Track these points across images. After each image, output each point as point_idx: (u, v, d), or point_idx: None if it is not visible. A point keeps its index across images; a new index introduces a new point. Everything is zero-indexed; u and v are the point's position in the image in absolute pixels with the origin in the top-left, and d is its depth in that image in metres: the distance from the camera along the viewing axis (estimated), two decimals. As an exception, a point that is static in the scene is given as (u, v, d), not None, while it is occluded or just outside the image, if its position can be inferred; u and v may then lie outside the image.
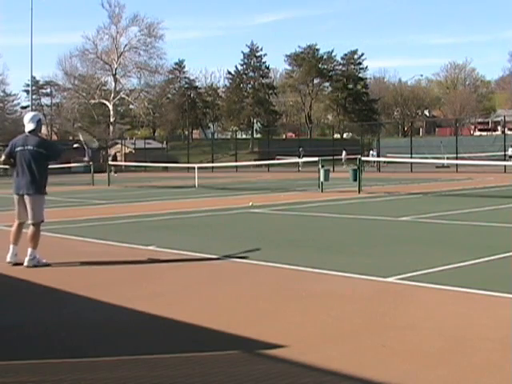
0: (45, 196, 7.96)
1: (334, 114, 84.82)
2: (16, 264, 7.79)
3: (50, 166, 8.21)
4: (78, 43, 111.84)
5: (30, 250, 7.74)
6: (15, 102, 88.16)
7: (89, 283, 6.84)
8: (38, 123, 8.01)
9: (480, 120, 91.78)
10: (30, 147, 7.82)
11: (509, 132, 66.07)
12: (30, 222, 7.85)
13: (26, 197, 7.81)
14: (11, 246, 7.91)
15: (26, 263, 7.69)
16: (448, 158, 39.41)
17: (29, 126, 7.96)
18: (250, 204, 15.74)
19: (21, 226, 8.02)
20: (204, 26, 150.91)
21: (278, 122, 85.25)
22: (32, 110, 60.59)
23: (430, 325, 4.87)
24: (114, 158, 45.64)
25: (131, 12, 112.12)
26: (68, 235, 10.69)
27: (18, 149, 7.90)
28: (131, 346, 4.61)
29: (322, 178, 21.32)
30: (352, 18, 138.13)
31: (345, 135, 76.18)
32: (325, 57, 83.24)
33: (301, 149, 43.87)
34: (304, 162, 34.06)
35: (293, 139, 65.21)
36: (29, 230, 7.84)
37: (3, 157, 8.22)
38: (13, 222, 8.10)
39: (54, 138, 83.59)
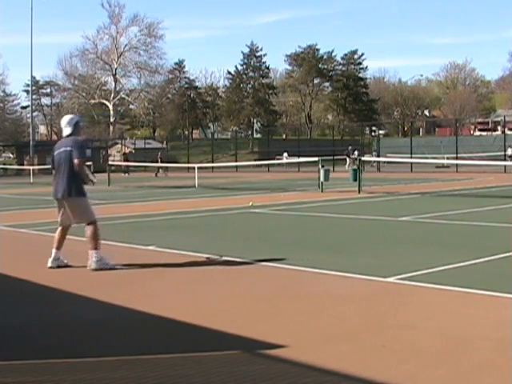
0: (85, 197, 7.60)
1: (333, 114, 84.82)
2: (59, 267, 7.56)
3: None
4: (78, 43, 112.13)
5: (91, 252, 7.46)
6: (15, 102, 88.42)
7: (89, 283, 6.84)
8: (75, 126, 7.65)
9: (480, 120, 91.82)
10: (66, 148, 7.55)
11: (509, 132, 66.09)
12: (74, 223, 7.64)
13: (65, 201, 7.57)
14: (53, 251, 7.65)
15: (92, 266, 7.40)
16: (448, 158, 39.37)
17: (65, 131, 7.67)
18: (250, 204, 15.73)
19: (64, 231, 7.77)
20: (204, 25, 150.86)
21: (278, 121, 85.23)
22: (32, 111, 60.72)
23: (430, 325, 4.87)
24: (126, 159, 44.43)
25: (131, 12, 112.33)
26: (68, 235, 10.64)
27: (55, 152, 7.67)
28: (131, 346, 4.61)
29: (322, 178, 21.32)
30: (352, 17, 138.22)
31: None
32: (325, 57, 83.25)
33: (350, 147, 43.77)
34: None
35: (293, 139, 64.94)
36: (86, 232, 7.60)
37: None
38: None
39: (54, 137, 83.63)
